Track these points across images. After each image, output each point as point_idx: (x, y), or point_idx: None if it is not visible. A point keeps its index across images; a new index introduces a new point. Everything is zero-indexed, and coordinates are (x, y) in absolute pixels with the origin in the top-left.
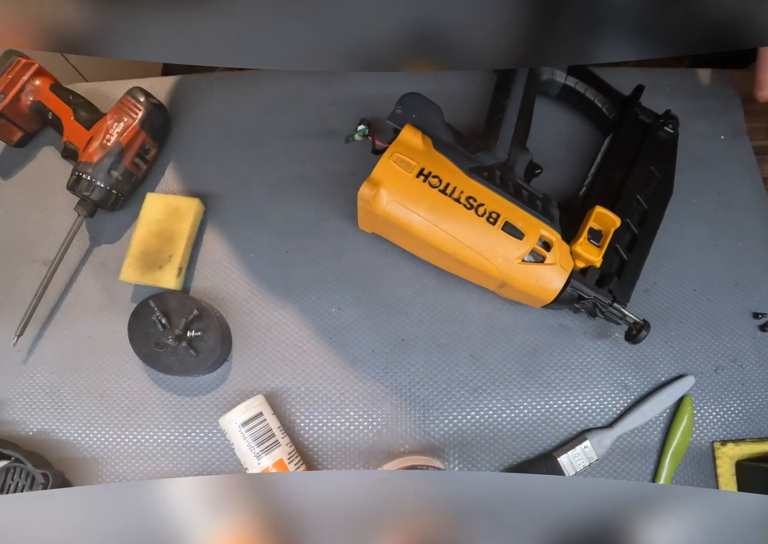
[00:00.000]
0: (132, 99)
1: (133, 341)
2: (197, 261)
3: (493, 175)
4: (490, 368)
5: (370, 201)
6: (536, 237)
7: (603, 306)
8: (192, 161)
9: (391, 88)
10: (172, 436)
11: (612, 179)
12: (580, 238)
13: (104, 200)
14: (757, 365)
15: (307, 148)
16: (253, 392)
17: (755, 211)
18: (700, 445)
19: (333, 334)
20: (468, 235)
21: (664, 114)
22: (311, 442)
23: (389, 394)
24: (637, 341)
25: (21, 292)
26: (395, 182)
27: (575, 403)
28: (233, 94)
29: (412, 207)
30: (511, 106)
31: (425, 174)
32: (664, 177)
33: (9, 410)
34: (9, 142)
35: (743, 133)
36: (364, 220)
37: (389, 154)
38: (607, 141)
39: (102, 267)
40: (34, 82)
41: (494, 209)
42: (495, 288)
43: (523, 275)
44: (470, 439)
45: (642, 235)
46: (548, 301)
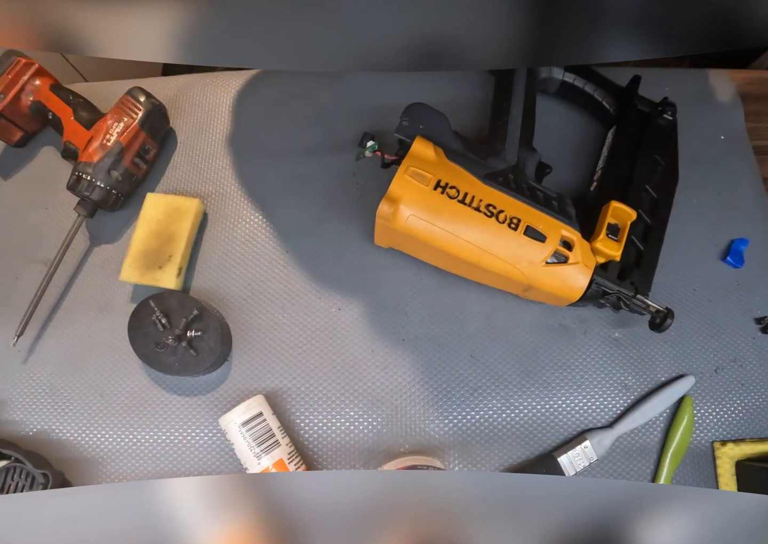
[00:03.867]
0: (132, 99)
1: (133, 341)
2: (197, 261)
3: (507, 179)
4: (489, 368)
5: (390, 218)
6: (558, 238)
7: (627, 299)
8: (192, 161)
9: (392, 88)
10: (172, 436)
11: (620, 172)
12: (599, 234)
13: (104, 200)
14: (757, 365)
15: (307, 148)
16: (253, 392)
17: (755, 211)
18: (700, 445)
19: (333, 334)
20: (491, 244)
21: (662, 101)
22: (311, 442)
23: (389, 394)
24: (663, 329)
25: (21, 292)
26: (413, 197)
27: (575, 403)
28: (233, 94)
29: (432, 220)
30: (514, 108)
31: (442, 185)
32: (669, 164)
33: (9, 410)
34: (9, 142)
35: (743, 133)
36: (381, 237)
37: (404, 168)
38: (611, 134)
39: (102, 267)
40: (34, 82)
41: (514, 215)
42: (519, 292)
43: (548, 277)
44: (470, 439)
45: (654, 224)
46: (574, 300)
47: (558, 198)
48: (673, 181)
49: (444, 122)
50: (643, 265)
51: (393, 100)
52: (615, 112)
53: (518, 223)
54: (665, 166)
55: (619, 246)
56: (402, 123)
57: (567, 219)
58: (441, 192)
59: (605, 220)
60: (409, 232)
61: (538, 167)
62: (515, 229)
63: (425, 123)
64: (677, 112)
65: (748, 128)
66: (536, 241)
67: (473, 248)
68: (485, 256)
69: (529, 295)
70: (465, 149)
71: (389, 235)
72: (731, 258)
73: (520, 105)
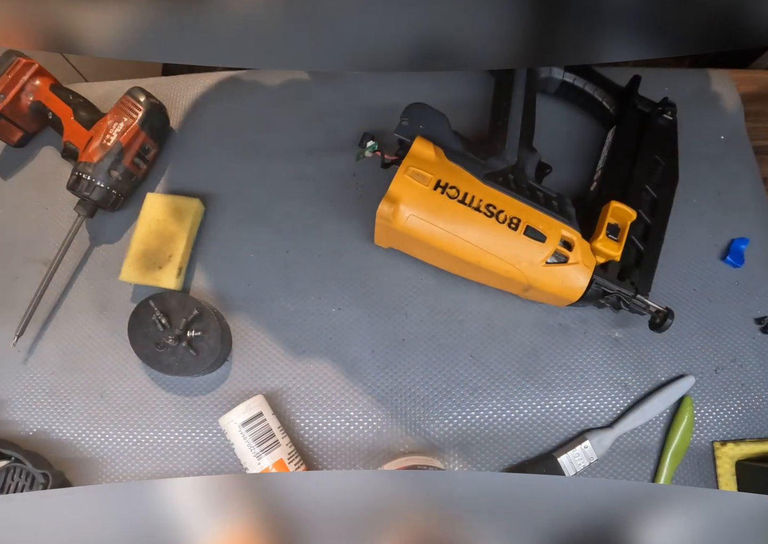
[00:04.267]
0: (132, 99)
1: (133, 341)
2: (197, 261)
3: (507, 179)
4: (489, 368)
5: (390, 218)
6: (558, 238)
7: (627, 299)
8: (192, 161)
9: (392, 88)
10: (172, 436)
11: (620, 172)
12: (599, 234)
13: (104, 200)
14: (757, 365)
15: (307, 148)
16: (253, 392)
17: (755, 211)
18: (700, 445)
19: (333, 334)
20: (491, 244)
21: (662, 101)
22: (311, 442)
23: (389, 394)
24: (663, 329)
25: (21, 292)
26: (413, 197)
27: (575, 403)
28: (233, 94)
29: (432, 220)
30: (514, 108)
31: (442, 186)
32: (669, 164)
33: (9, 410)
34: (9, 142)
35: (743, 133)
36: (381, 237)
37: (404, 168)
38: (611, 134)
39: (102, 267)
40: (34, 82)
41: (514, 215)
42: (519, 292)
43: (548, 277)
44: (470, 439)
45: (654, 224)
46: (574, 300)
47: (558, 198)
48: (673, 181)
49: (444, 122)
50: (643, 265)
51: (393, 100)
52: (615, 112)
53: (518, 223)
54: (665, 166)
55: (619, 246)
56: (402, 123)
57: (567, 219)
58: (441, 192)
59: (605, 220)
60: (409, 232)
61: (538, 167)
62: (515, 229)
63: (425, 123)
64: (677, 112)
65: (748, 128)
66: (536, 241)
67: (473, 248)
68: (485, 256)
69: (529, 295)
70: (465, 149)
71: (389, 235)
72: (731, 257)
73: (520, 105)
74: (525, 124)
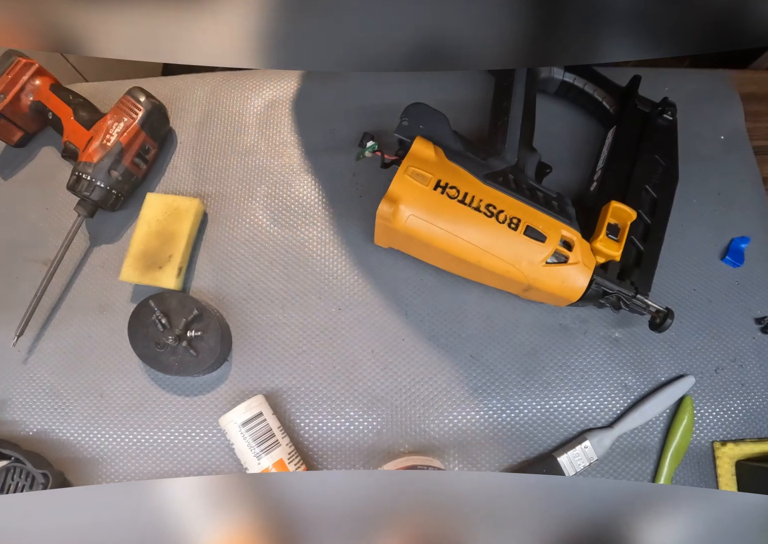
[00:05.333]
0: (132, 99)
1: (133, 341)
2: (197, 261)
3: (507, 179)
4: (490, 368)
5: (390, 218)
6: (558, 238)
7: (627, 299)
8: (192, 161)
9: (392, 88)
10: (172, 436)
11: (620, 172)
12: (599, 234)
13: (104, 200)
14: (757, 365)
15: (307, 148)
16: (253, 392)
17: (755, 211)
18: (700, 445)
19: (333, 334)
20: (491, 244)
21: (661, 101)
22: (311, 442)
23: (389, 394)
24: (662, 329)
25: (21, 292)
26: (413, 197)
27: (575, 403)
28: (233, 94)
29: (432, 220)
30: (514, 108)
31: (442, 185)
32: (669, 164)
33: (9, 410)
34: (9, 142)
35: (743, 133)
36: (381, 237)
37: (404, 168)
38: (611, 134)
39: (102, 267)
40: (34, 82)
41: (514, 215)
42: (519, 292)
43: (548, 277)
44: (470, 439)
45: (654, 224)
46: (574, 300)
47: (558, 198)
48: (672, 181)
49: (444, 122)
50: (643, 265)
51: (393, 100)
52: (615, 112)
53: (518, 223)
54: (665, 167)
55: (619, 246)
56: (402, 123)
57: (567, 219)
58: (441, 192)
59: (605, 220)
60: (409, 232)
61: (538, 167)
62: (515, 229)
63: (425, 123)
64: (677, 112)
65: (748, 128)
66: (536, 241)
67: (473, 248)
68: (485, 256)
69: (529, 295)
70: (465, 149)
71: (389, 235)
72: (730, 256)
73: (521, 104)
74: (525, 124)
